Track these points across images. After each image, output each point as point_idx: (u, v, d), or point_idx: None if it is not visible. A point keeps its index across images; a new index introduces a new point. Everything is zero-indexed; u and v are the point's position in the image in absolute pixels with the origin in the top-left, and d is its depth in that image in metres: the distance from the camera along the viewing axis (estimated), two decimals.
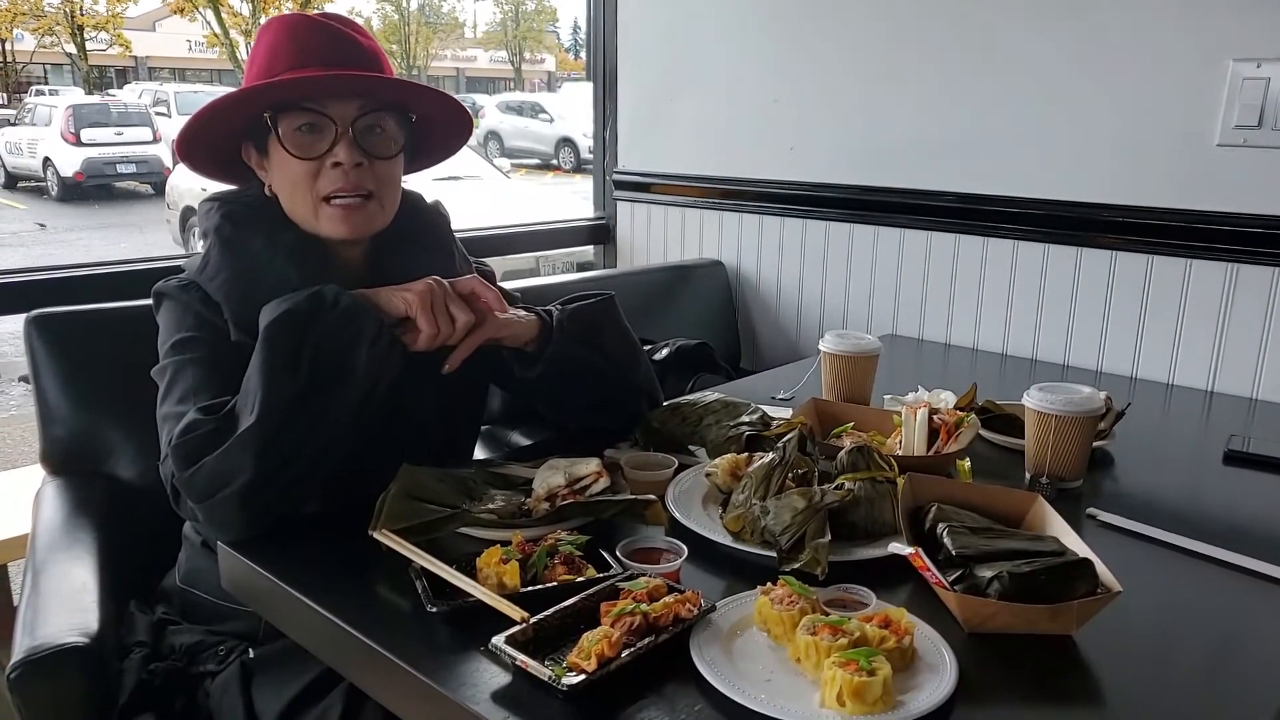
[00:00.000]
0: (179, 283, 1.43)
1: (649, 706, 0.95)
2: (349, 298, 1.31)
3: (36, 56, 31.83)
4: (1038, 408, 1.50)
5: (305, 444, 1.27)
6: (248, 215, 1.44)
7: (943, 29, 2.44)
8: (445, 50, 44.68)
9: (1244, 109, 2.00)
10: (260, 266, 1.40)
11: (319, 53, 1.39)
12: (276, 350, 1.26)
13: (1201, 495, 1.60)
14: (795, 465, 1.33)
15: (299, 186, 1.40)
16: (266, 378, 1.24)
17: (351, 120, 1.39)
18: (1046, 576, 1.09)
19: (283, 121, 1.38)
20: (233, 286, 1.39)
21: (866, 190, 2.64)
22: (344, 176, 1.39)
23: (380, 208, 1.44)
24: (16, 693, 1.28)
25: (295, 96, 1.37)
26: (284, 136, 1.38)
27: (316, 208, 1.41)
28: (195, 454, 1.25)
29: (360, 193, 1.41)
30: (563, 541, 1.18)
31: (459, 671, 1.00)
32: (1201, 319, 2.14)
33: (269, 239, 1.41)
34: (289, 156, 1.38)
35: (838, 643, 0.97)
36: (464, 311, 1.37)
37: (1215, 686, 1.06)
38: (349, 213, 1.41)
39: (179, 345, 1.38)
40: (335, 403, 1.28)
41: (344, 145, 1.38)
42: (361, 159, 1.39)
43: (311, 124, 1.38)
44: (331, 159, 1.38)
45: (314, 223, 1.42)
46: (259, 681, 1.36)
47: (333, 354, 1.28)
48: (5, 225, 13.16)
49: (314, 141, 1.39)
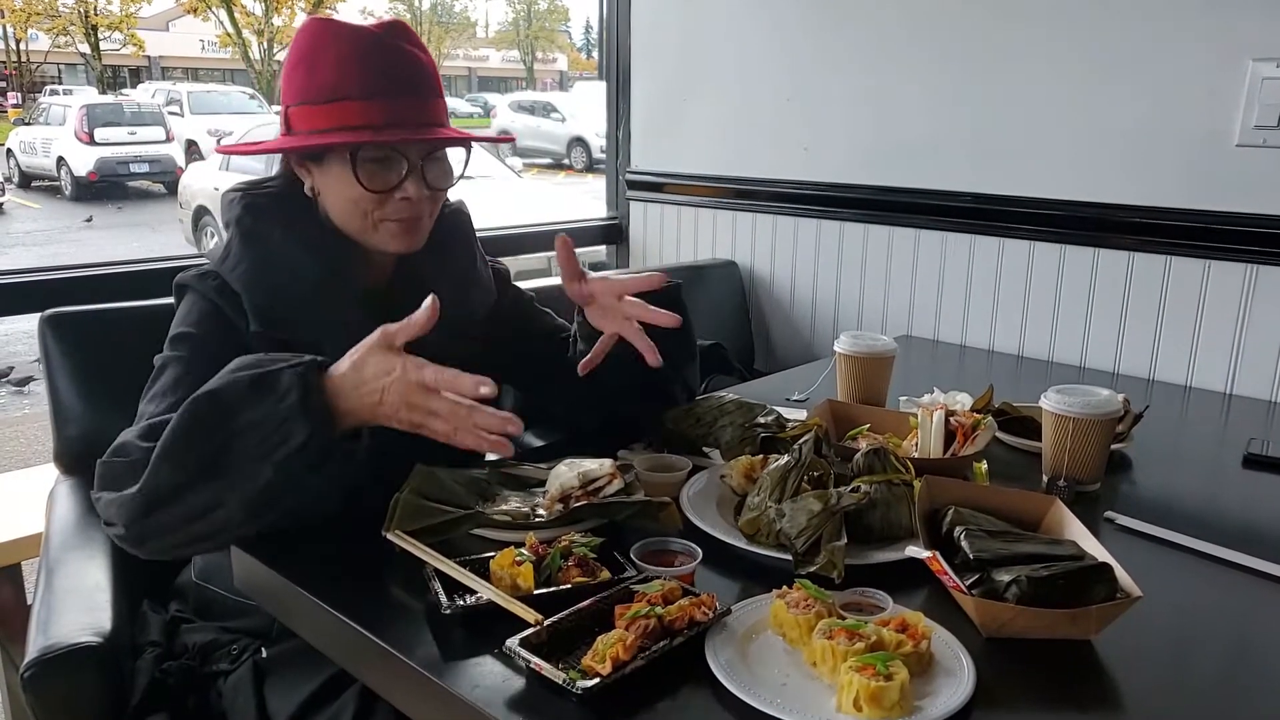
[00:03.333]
0: (198, 273, 1.44)
1: (664, 710, 0.94)
2: (299, 394, 1.17)
3: (51, 56, 32.04)
4: (1056, 410, 1.49)
5: (187, 523, 1.20)
6: (269, 207, 1.46)
7: (958, 28, 2.42)
8: (457, 49, 44.80)
9: (1264, 109, 1.99)
10: (280, 257, 1.42)
11: (389, 79, 1.40)
12: (187, 428, 1.19)
13: (1221, 499, 1.59)
14: (811, 467, 1.32)
15: (359, 207, 1.42)
16: (161, 456, 1.18)
17: (422, 156, 1.43)
18: (1065, 581, 1.08)
19: (359, 154, 1.40)
20: (252, 277, 1.40)
21: (881, 190, 2.63)
22: (410, 207, 1.43)
23: (430, 221, 1.50)
24: (30, 692, 1.28)
25: (379, 140, 1.39)
26: (358, 167, 1.39)
27: (377, 225, 1.44)
28: (103, 481, 1.25)
29: (423, 215, 1.47)
30: (577, 543, 1.17)
31: (473, 674, 0.99)
32: (1220, 320, 2.12)
33: (289, 230, 1.44)
34: (355, 183, 1.40)
35: (854, 647, 0.97)
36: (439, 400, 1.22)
37: (1235, 692, 1.05)
38: (408, 231, 1.45)
39: (174, 340, 1.40)
40: (226, 500, 1.19)
41: (413, 181, 1.42)
42: (427, 191, 1.44)
43: (385, 158, 1.41)
44: (401, 193, 1.42)
45: (368, 236, 1.45)
46: (272, 681, 1.36)
47: (240, 455, 1.18)
48: (20, 225, 13.23)
49: (385, 175, 1.41)
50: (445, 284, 1.51)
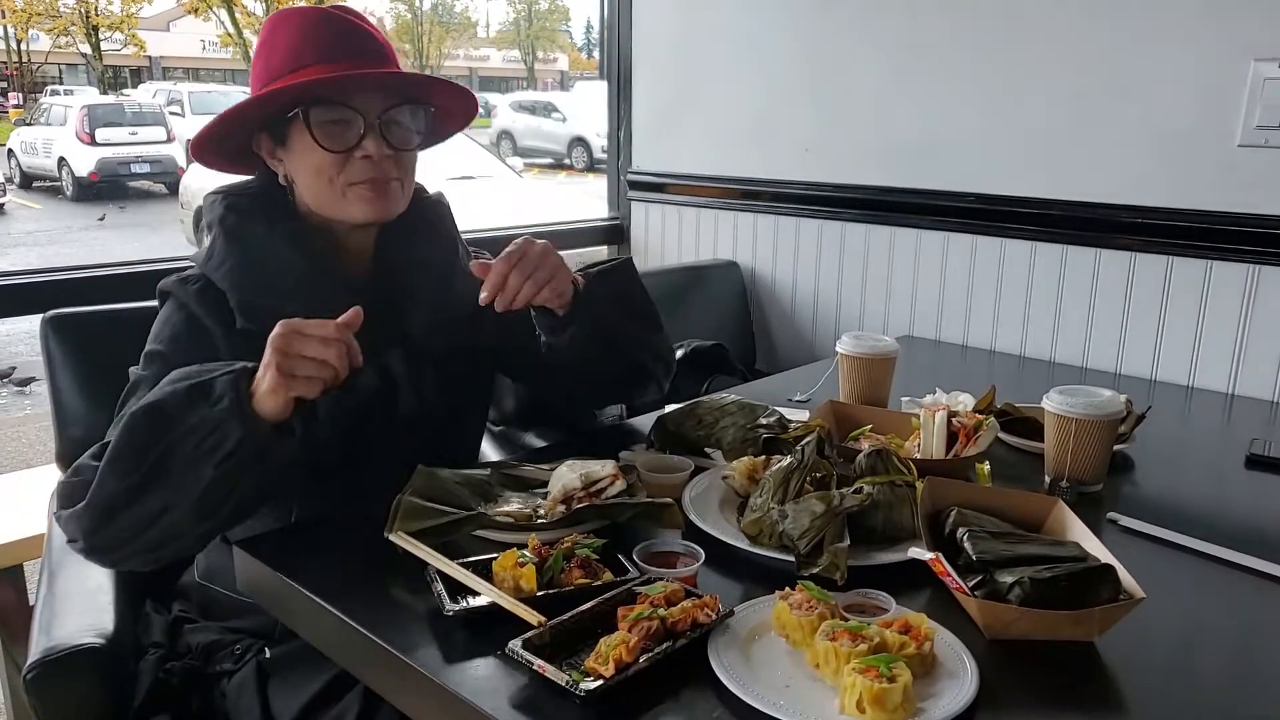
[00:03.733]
0: (180, 277, 1.45)
1: (667, 712, 0.94)
2: (232, 399, 1.20)
3: (51, 57, 32.06)
4: (1058, 411, 1.49)
5: (141, 531, 1.23)
6: (251, 205, 1.48)
7: (960, 28, 2.42)
8: (458, 49, 44.79)
9: (1266, 109, 1.99)
10: (265, 253, 1.44)
11: (341, 48, 1.44)
12: (130, 437, 1.21)
13: (1224, 500, 1.58)
14: (813, 469, 1.32)
15: (324, 174, 1.44)
16: (107, 465, 1.21)
17: (378, 114, 1.44)
18: (1068, 582, 1.08)
19: (313, 115, 1.42)
20: (237, 275, 1.42)
21: (883, 191, 2.63)
22: (373, 167, 1.43)
23: (402, 190, 1.50)
24: (33, 693, 1.29)
25: (330, 93, 1.42)
26: (315, 129, 1.42)
27: (344, 191, 1.45)
28: (61, 500, 1.27)
29: (389, 179, 1.46)
30: (579, 545, 1.17)
31: (476, 676, 0.99)
32: (1222, 321, 2.12)
33: (271, 226, 1.46)
34: (316, 147, 1.42)
35: (857, 649, 0.97)
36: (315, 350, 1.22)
37: (1238, 694, 1.05)
38: (377, 194, 1.45)
39: (147, 358, 1.41)
40: (174, 504, 1.22)
41: (372, 139, 1.43)
42: (388, 151, 1.44)
43: (340, 118, 1.43)
44: (360, 151, 1.43)
45: (339, 206, 1.46)
46: (275, 682, 1.36)
47: (182, 460, 1.20)
48: (21, 226, 13.23)
49: (342, 134, 1.43)
50: (427, 273, 1.56)
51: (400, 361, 1.51)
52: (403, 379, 1.50)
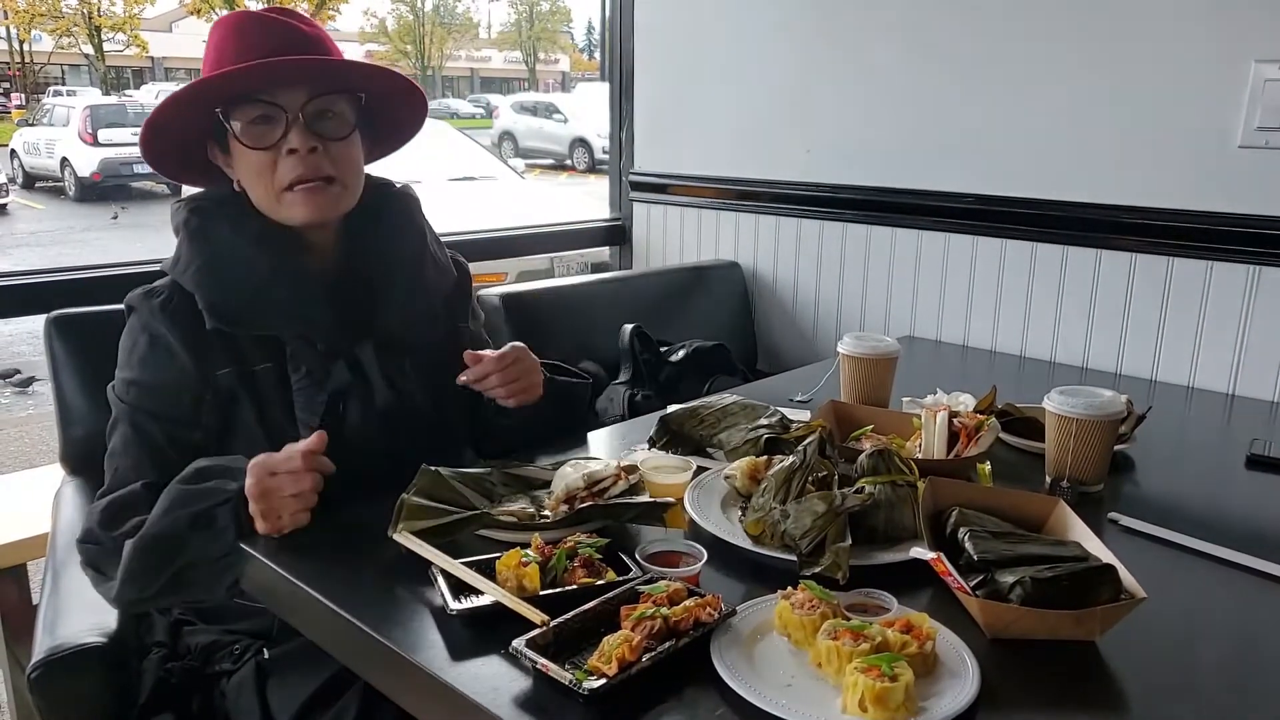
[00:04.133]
0: (144, 290, 1.45)
1: (670, 711, 0.95)
2: (234, 531, 1.27)
3: (54, 57, 32.06)
4: (1059, 411, 1.49)
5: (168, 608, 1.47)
6: (214, 208, 1.48)
7: (961, 30, 2.43)
8: (460, 51, 44.81)
9: (1266, 110, 1.99)
10: (229, 253, 1.44)
11: (261, 46, 1.41)
12: (142, 559, 1.29)
13: (1224, 500, 1.59)
14: (815, 469, 1.33)
15: (260, 177, 1.43)
16: (125, 579, 1.30)
17: (300, 106, 1.41)
18: (1069, 582, 1.08)
19: (235, 116, 1.41)
20: (204, 275, 1.42)
21: (884, 191, 2.63)
22: (301, 163, 1.41)
23: (344, 189, 1.47)
24: (37, 692, 1.29)
25: (241, 89, 1.40)
26: (238, 130, 1.41)
27: (279, 196, 1.43)
28: (87, 562, 1.38)
29: (320, 176, 1.43)
30: (582, 544, 1.18)
31: (479, 674, 1.00)
32: (1222, 321, 2.12)
33: (236, 227, 1.45)
34: (246, 149, 1.41)
35: (859, 648, 0.97)
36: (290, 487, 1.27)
37: (1239, 694, 1.05)
38: (310, 195, 1.43)
39: (123, 383, 1.44)
40: (192, 596, 1.39)
41: (296, 132, 1.41)
42: (315, 143, 1.42)
43: (263, 115, 1.41)
44: (286, 146, 1.41)
45: (279, 211, 1.45)
46: (274, 682, 1.36)
47: (196, 582, 1.31)
48: (24, 226, 13.24)
49: (267, 131, 1.41)
50: (396, 265, 1.56)
51: (371, 355, 1.50)
52: (374, 372, 1.50)
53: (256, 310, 1.43)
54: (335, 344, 1.47)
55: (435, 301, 1.61)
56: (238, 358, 1.44)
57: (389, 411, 1.51)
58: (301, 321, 1.45)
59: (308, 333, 1.46)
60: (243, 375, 1.43)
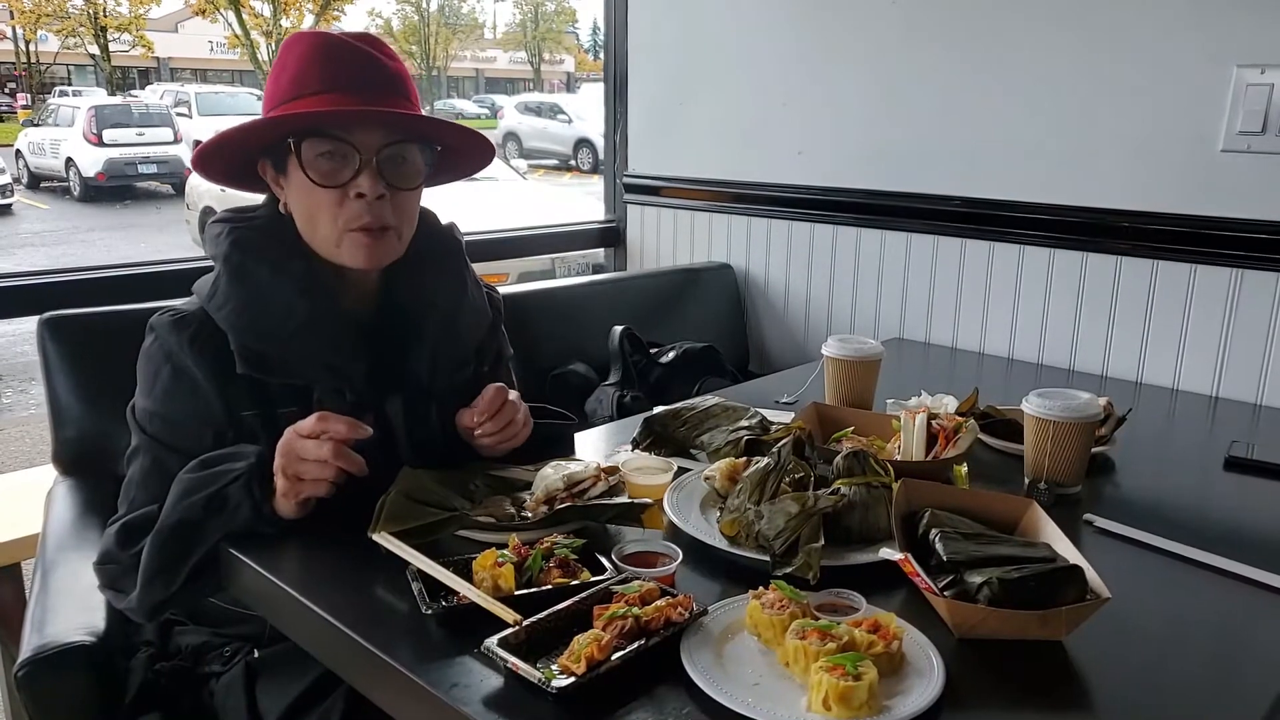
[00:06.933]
0: (174, 318, 1.39)
1: (638, 709, 0.96)
2: (250, 505, 1.28)
3: (60, 58, 32.19)
4: (1036, 413, 1.50)
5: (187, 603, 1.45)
6: (257, 241, 1.41)
7: (951, 34, 2.44)
8: (465, 51, 44.83)
9: (1248, 115, 2.00)
10: (268, 297, 1.37)
11: (346, 76, 1.36)
12: (161, 552, 1.30)
13: (1201, 502, 1.60)
14: (792, 470, 1.34)
15: (319, 214, 1.37)
16: (144, 581, 1.31)
17: (376, 150, 1.36)
18: (1036, 583, 1.10)
19: (305, 146, 1.35)
20: (239, 317, 1.36)
21: (874, 194, 2.65)
22: (366, 209, 1.36)
23: (398, 239, 1.42)
24: (24, 690, 1.30)
25: (323, 125, 1.35)
26: (306, 162, 1.35)
27: (339, 238, 1.38)
28: (104, 582, 1.39)
29: (383, 225, 1.38)
30: (559, 545, 1.19)
31: (452, 673, 1.01)
32: (1206, 324, 2.14)
33: (277, 268, 1.39)
34: (309, 182, 1.35)
35: (825, 647, 0.98)
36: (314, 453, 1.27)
37: (1207, 694, 1.06)
38: (371, 243, 1.38)
39: (146, 415, 1.40)
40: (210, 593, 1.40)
41: (367, 176, 1.35)
42: (384, 190, 1.36)
43: (335, 151, 1.35)
44: (354, 189, 1.35)
45: (335, 253, 1.39)
46: (263, 682, 1.37)
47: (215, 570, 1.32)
48: (29, 226, 13.28)
49: (337, 170, 1.35)
50: (434, 313, 1.50)
51: (399, 408, 1.47)
52: (399, 425, 1.47)
53: (290, 358, 1.38)
54: (364, 395, 1.43)
55: (465, 351, 1.56)
56: (264, 399, 1.39)
57: (409, 461, 1.45)
58: (334, 374, 1.40)
59: (340, 385, 1.41)
60: (266, 420, 1.38)
